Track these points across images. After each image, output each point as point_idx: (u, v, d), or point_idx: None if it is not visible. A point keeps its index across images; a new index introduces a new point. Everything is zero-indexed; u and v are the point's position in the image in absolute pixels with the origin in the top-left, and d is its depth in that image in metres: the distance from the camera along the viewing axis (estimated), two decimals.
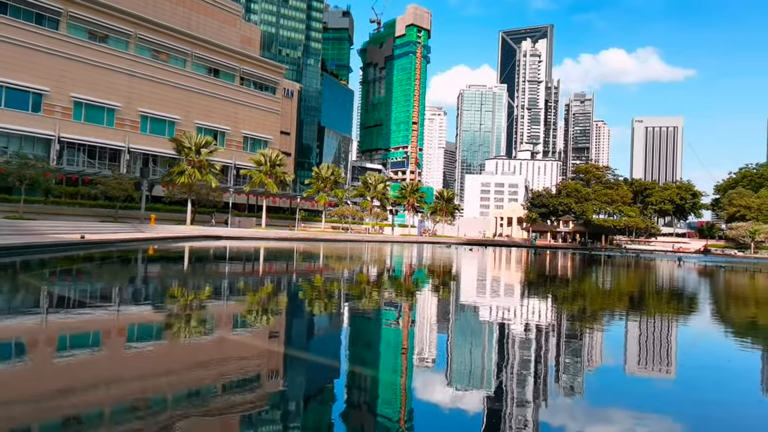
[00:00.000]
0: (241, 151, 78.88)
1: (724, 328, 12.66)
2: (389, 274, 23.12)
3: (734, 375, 7.48)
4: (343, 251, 39.57)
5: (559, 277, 26.54)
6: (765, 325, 13.11)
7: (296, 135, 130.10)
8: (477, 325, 10.63)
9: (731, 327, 12.70)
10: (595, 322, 11.83)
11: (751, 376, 7.57)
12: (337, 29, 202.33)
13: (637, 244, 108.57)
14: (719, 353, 9.09)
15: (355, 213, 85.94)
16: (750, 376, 7.60)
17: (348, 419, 5.02)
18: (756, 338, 10.90)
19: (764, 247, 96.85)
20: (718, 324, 13.24)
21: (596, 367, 7.60)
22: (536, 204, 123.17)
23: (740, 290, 24.25)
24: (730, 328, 12.45)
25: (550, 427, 5.06)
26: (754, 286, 26.51)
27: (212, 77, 76.52)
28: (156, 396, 5.25)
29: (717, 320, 13.83)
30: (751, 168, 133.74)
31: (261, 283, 16.65)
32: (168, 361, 6.59)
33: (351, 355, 7.75)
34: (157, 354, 6.93)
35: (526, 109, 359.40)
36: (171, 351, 7.12)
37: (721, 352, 9.25)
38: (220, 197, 61.99)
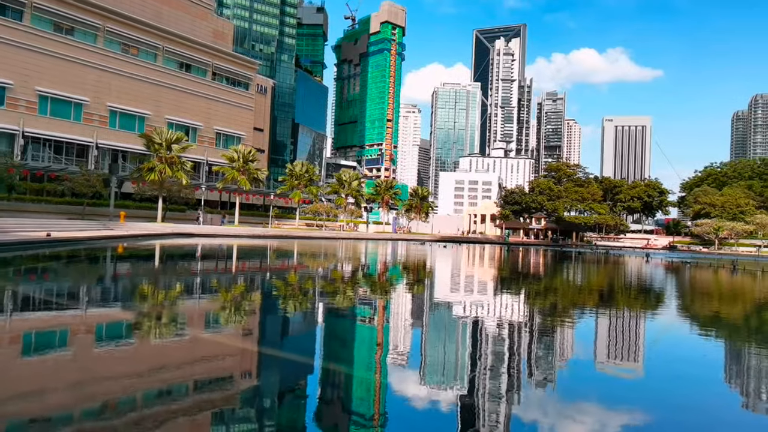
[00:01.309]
0: (213, 148, 77.81)
1: (687, 321, 13.01)
2: (363, 271, 23.11)
3: (698, 366, 7.69)
4: (318, 249, 39.39)
5: (531, 273, 26.92)
6: (726, 317, 13.52)
7: (270, 131, 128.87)
8: (450, 322, 10.71)
9: (694, 320, 13.06)
10: (566, 317, 12.04)
11: (714, 367, 7.80)
12: (312, 25, 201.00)
13: (607, 241, 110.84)
14: (683, 346, 9.35)
15: (330, 210, 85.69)
16: (713, 366, 7.83)
17: (322, 417, 5.00)
18: (717, 330, 11.24)
19: (728, 243, 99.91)
20: (682, 318, 13.61)
21: (567, 361, 7.73)
22: (509, 201, 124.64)
23: (702, 285, 24.98)
24: (693, 322, 12.81)
25: (522, 421, 5.13)
26: (717, 281, 27.32)
27: (183, 72, 75.23)
28: (125, 397, 5.15)
29: (681, 314, 14.21)
30: (716, 167, 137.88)
31: (233, 281, 16.46)
32: (137, 361, 6.47)
33: (325, 353, 7.72)
34: (126, 355, 6.79)
35: (500, 108, 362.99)
36: (140, 351, 6.99)
37: (686, 344, 9.51)
38: (191, 194, 61.06)
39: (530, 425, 5.03)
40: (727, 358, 8.68)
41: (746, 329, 11.87)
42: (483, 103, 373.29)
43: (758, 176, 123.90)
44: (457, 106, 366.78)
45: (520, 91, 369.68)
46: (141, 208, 58.28)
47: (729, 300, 18.41)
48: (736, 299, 18.80)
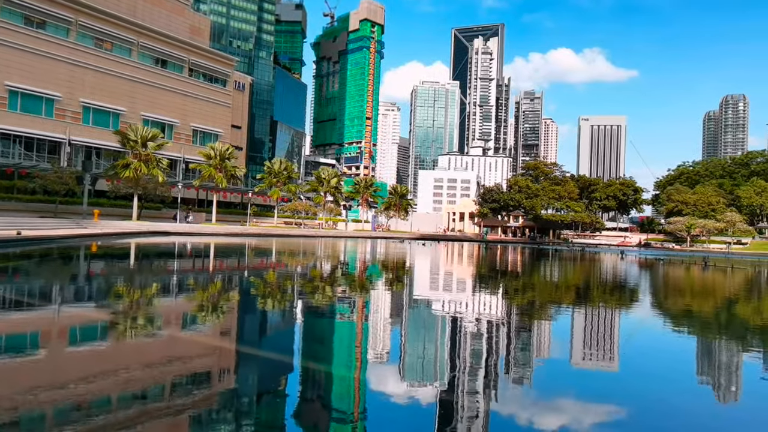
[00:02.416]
0: (190, 145, 76.74)
1: (661, 316, 13.27)
2: (342, 269, 23.07)
3: (672, 360, 7.86)
4: (296, 247, 39.19)
5: (509, 271, 27.17)
6: (698, 312, 13.84)
7: (248, 129, 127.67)
8: (429, 319, 10.75)
9: (668, 315, 13.34)
10: (543, 313, 12.18)
11: (686, 360, 7.98)
12: (290, 22, 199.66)
13: (583, 239, 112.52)
14: (658, 340, 9.54)
15: (309, 208, 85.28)
16: (686, 360, 8.01)
17: (301, 415, 4.98)
18: (690, 325, 11.50)
19: (699, 240, 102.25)
20: (656, 313, 13.88)
21: (544, 356, 7.82)
22: (488, 199, 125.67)
23: (676, 281, 25.53)
24: (667, 317, 13.08)
25: (499, 416, 5.17)
26: (689, 277, 27.95)
27: (159, 68, 74.02)
28: (98, 399, 5.05)
29: (655, 310, 14.50)
30: (688, 165, 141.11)
31: (210, 280, 16.28)
32: (111, 362, 6.36)
33: (303, 351, 7.69)
34: (99, 355, 6.67)
35: (478, 106, 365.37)
36: (114, 352, 6.86)
37: (660, 339, 9.71)
38: (168, 192, 60.17)
39: (507, 420, 5.08)
40: (699, 351, 8.88)
41: (717, 324, 12.16)
42: (462, 101, 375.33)
43: (728, 175, 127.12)
44: (436, 104, 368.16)
45: (498, 90, 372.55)
46: (116, 206, 57.22)
47: (701, 295, 18.84)
48: (708, 295, 19.25)
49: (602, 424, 4.97)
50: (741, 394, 6.41)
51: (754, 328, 11.69)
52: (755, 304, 16.39)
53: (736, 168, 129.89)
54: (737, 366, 7.83)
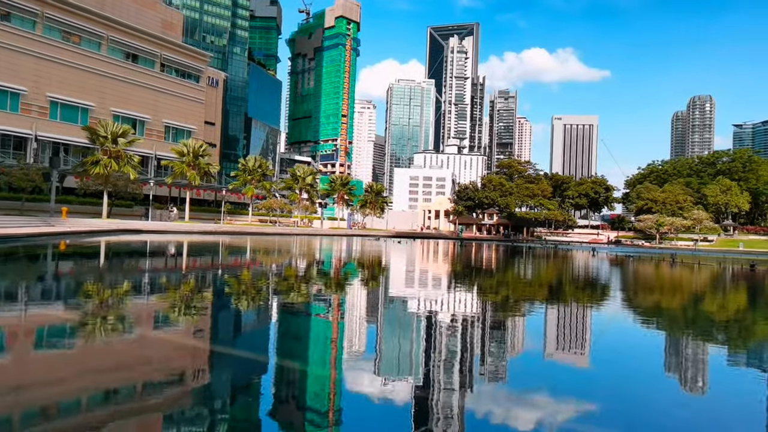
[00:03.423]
0: (162, 141, 75.38)
1: (632, 312, 13.56)
2: (318, 267, 22.96)
3: (642, 354, 8.03)
4: (271, 245, 38.87)
5: (483, 268, 27.42)
6: (666, 308, 14.17)
7: (222, 125, 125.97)
8: (405, 317, 10.77)
9: (638, 311, 13.63)
10: (516, 310, 12.32)
11: (655, 355, 8.16)
12: (265, 18, 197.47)
13: (556, 236, 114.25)
14: (629, 335, 9.74)
15: (284, 206, 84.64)
16: (654, 354, 8.20)
17: (277, 414, 4.93)
18: (659, 321, 11.78)
19: (668, 237, 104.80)
20: (627, 309, 14.17)
21: (517, 353, 7.91)
22: (463, 197, 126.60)
23: (645, 278, 26.11)
24: (637, 313, 13.36)
25: (475, 413, 5.21)
26: (658, 274, 28.61)
27: (130, 62, 72.47)
28: (72, 400, 4.93)
29: (626, 306, 14.80)
30: (657, 164, 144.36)
31: (182, 279, 16.03)
32: (80, 364, 6.20)
33: (276, 350, 7.62)
34: (70, 356, 6.50)
35: (454, 105, 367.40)
36: (85, 352, 6.70)
37: (630, 334, 9.92)
38: (139, 189, 59.04)
39: (481, 415, 5.12)
40: (668, 345, 9.09)
41: (684, 319, 12.47)
42: (437, 99, 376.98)
43: (695, 174, 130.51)
44: (411, 102, 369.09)
45: (473, 89, 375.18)
46: (85, 203, 55.88)
47: (669, 292, 19.31)
48: (676, 291, 19.74)
49: (576, 418, 5.04)
50: (707, 385, 6.58)
51: (719, 322, 12.02)
52: (720, 300, 16.87)
53: (703, 167, 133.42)
54: (703, 359, 8.04)
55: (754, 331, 11.11)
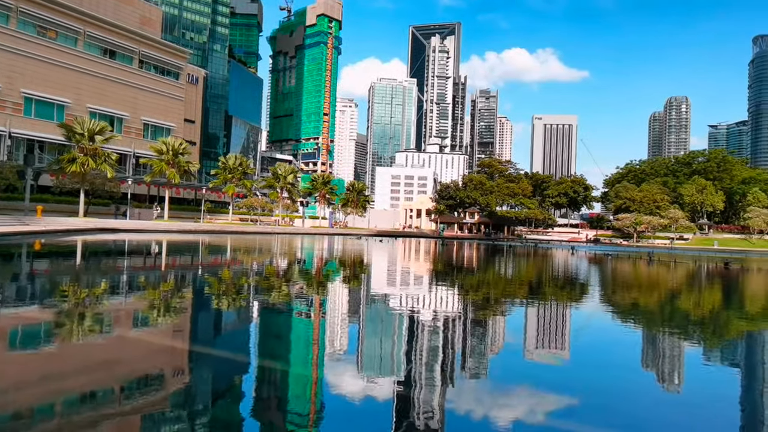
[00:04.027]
0: (141, 139, 74.32)
1: (611, 309, 13.75)
2: (299, 266, 22.86)
3: (620, 350, 8.15)
4: (252, 244, 38.57)
5: (464, 267, 27.57)
6: (643, 305, 14.41)
7: (202, 123, 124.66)
8: (385, 315, 10.77)
9: (617, 308, 13.83)
10: (497, 308, 12.41)
11: (633, 352, 8.30)
12: (246, 15, 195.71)
13: (536, 235, 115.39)
14: (608, 332, 9.88)
15: (265, 204, 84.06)
16: (632, 351, 8.33)
17: (258, 415, 4.89)
18: (636, 318, 11.97)
19: (645, 236, 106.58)
20: (606, 306, 14.36)
21: (498, 349, 7.97)
22: (444, 196, 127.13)
23: (623, 276, 26.53)
24: (615, 309, 13.55)
25: (455, 411, 5.23)
26: (636, 272, 29.08)
27: (107, 59, 71.28)
28: (46, 403, 4.82)
29: (604, 303, 15.00)
30: (635, 164, 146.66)
31: (162, 278, 15.81)
32: (59, 364, 6.08)
33: (258, 350, 7.56)
34: (46, 357, 6.37)
35: (435, 104, 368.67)
36: (62, 353, 6.57)
37: (609, 330, 10.06)
38: (117, 187, 58.06)
39: (463, 412, 5.14)
40: (645, 342, 9.24)
41: (661, 316, 12.69)
42: (419, 99, 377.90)
43: (672, 173, 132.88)
44: (393, 101, 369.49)
45: (454, 88, 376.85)
46: (61, 202, 54.80)
47: (647, 289, 19.63)
48: (653, 289, 20.08)
49: (555, 413, 5.09)
50: (683, 380, 6.70)
51: (694, 319, 12.25)
52: (695, 297, 17.20)
53: (679, 167, 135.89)
54: (679, 354, 8.19)
55: (728, 328, 11.35)
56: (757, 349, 9.37)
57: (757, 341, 10.08)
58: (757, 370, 7.62)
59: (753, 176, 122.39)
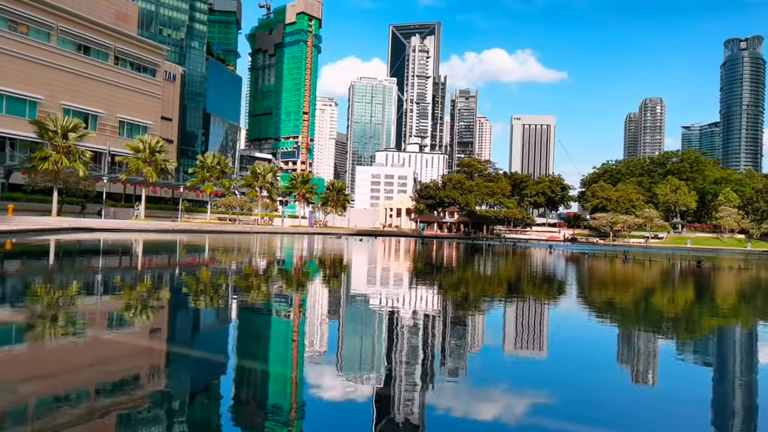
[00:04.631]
0: (116, 137, 73.03)
1: (587, 307, 13.94)
2: (278, 266, 22.71)
3: (596, 347, 8.27)
4: (230, 243, 38.21)
5: (444, 266, 27.70)
6: (618, 303, 14.65)
7: (179, 121, 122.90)
8: (365, 314, 10.76)
9: (593, 306, 14.03)
10: (476, 307, 12.49)
11: (609, 349, 8.43)
12: (224, 12, 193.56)
13: (515, 234, 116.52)
14: (584, 329, 10.02)
15: (244, 204, 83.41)
16: (609, 349, 8.46)
17: (238, 416, 4.85)
18: (611, 314, 12.16)
19: (621, 235, 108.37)
20: (582, 304, 14.57)
21: (477, 348, 8.02)
22: (424, 196, 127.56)
23: (599, 274, 26.95)
24: (591, 307, 13.75)
25: (435, 409, 5.25)
26: (612, 270, 29.57)
27: (82, 54, 69.87)
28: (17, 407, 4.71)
29: (581, 301, 15.22)
30: (611, 164, 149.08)
31: (138, 278, 15.56)
32: (28, 367, 5.94)
33: (236, 350, 7.49)
34: (19, 359, 6.21)
35: (415, 103, 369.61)
36: (35, 355, 6.42)
37: (586, 328, 10.20)
38: (92, 186, 57.00)
39: (443, 410, 5.17)
40: (620, 338, 9.39)
41: (635, 313, 12.92)
42: (399, 98, 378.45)
43: (647, 173, 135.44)
44: (373, 100, 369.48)
45: (434, 88, 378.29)
46: (33, 200, 53.62)
47: (622, 287, 19.97)
48: (628, 287, 20.43)
49: (535, 409, 5.15)
50: (657, 376, 6.83)
51: (667, 316, 12.50)
52: (669, 295, 17.56)
53: (654, 167, 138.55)
54: (654, 351, 8.35)
55: (700, 324, 11.61)
56: (728, 342, 9.61)
57: (726, 336, 10.33)
58: (727, 362, 7.80)
59: (724, 176, 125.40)
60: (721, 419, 5.36)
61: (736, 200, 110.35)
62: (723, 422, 5.29)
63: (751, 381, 7.00)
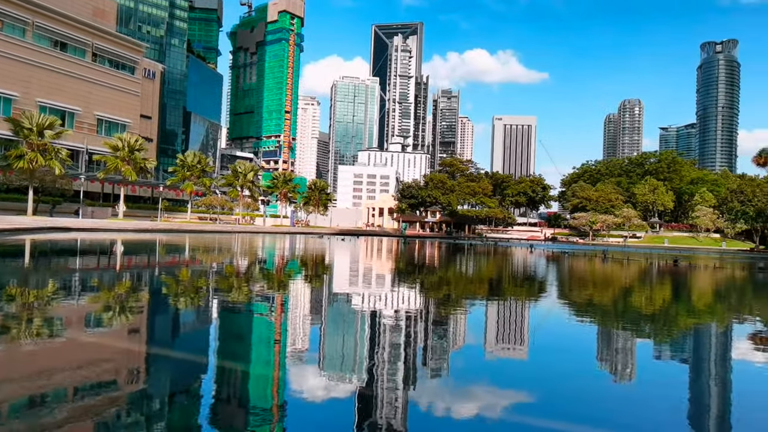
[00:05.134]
0: (94, 135, 71.87)
1: (567, 306, 14.11)
2: (259, 266, 22.57)
3: (577, 345, 8.38)
4: (211, 243, 37.86)
5: (426, 265, 27.80)
6: (598, 301, 14.86)
7: (159, 119, 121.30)
8: (349, 315, 10.75)
9: (573, 304, 14.21)
10: (458, 305, 12.56)
11: (588, 348, 8.55)
12: (205, 9, 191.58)
13: (496, 233, 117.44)
14: (565, 328, 10.14)
15: (225, 203, 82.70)
16: (588, 347, 8.58)
17: (217, 418, 4.81)
18: (590, 313, 12.33)
19: (600, 234, 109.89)
20: (562, 302, 14.74)
21: (459, 347, 8.07)
22: (406, 195, 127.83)
23: (579, 273, 27.30)
24: (572, 306, 13.92)
25: (417, 405, 5.26)
26: (591, 269, 29.97)
27: (58, 51, 68.62)
28: None
29: (561, 299, 15.40)
30: (591, 164, 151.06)
31: (116, 278, 15.34)
32: (4, 369, 5.83)
33: (218, 352, 7.43)
34: None
35: (398, 103, 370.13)
36: (9, 357, 6.29)
37: (565, 326, 10.33)
38: (69, 185, 56.06)
39: (424, 409, 5.19)
40: (599, 337, 9.53)
41: (614, 311, 13.12)
42: (381, 98, 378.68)
43: (626, 174, 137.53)
44: (356, 99, 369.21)
45: (417, 88, 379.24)
46: (8, 199, 52.54)
47: (602, 286, 20.26)
48: (607, 285, 20.74)
49: (516, 407, 5.20)
50: (635, 374, 6.94)
51: (645, 315, 12.72)
52: (647, 293, 17.86)
53: (632, 167, 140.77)
54: (632, 349, 8.49)
55: (677, 322, 11.84)
56: (704, 339, 9.82)
57: (700, 333, 10.55)
58: (702, 359, 7.97)
59: (700, 177, 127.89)
60: (695, 409, 5.48)
61: (712, 200, 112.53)
62: (697, 412, 5.40)
63: (725, 375, 7.16)
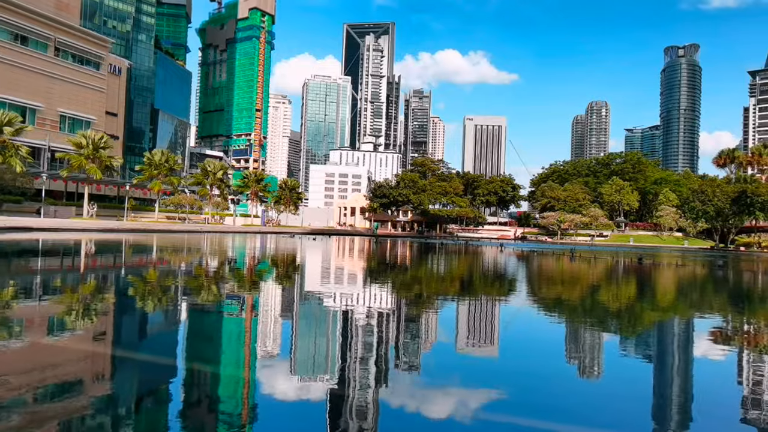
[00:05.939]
0: (57, 132, 69.79)
1: (535, 304, 14.32)
2: (229, 266, 22.25)
3: (546, 343, 8.49)
4: (179, 243, 37.17)
5: (398, 264, 27.86)
6: (566, 299, 15.11)
7: (125, 116, 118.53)
8: (320, 314, 10.68)
9: (541, 303, 14.42)
10: (429, 304, 12.61)
11: (557, 344, 8.68)
12: (174, 5, 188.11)
13: (467, 232, 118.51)
14: (533, 326, 10.28)
15: (194, 202, 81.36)
16: (556, 344, 8.71)
17: (186, 421, 4.70)
18: (558, 310, 12.53)
19: (568, 233, 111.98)
20: (531, 301, 14.95)
21: (431, 345, 8.09)
22: (378, 195, 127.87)
23: (547, 271, 27.75)
24: (539, 304, 14.14)
25: (389, 405, 5.25)
26: (559, 268, 30.50)
27: (18, 45, 66.39)
28: None
29: (529, 298, 15.62)
30: (559, 165, 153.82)
31: (79, 280, 14.91)
32: None
33: (186, 354, 7.28)
34: None
35: (370, 103, 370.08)
36: None
37: (534, 323, 10.47)
38: (29, 183, 54.33)
39: (396, 408, 5.18)
40: (568, 331, 9.69)
41: (582, 308, 13.36)
42: (353, 97, 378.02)
43: (593, 174, 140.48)
44: (327, 98, 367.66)
45: (389, 88, 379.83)
46: None
47: (569, 283, 20.63)
48: (575, 283, 21.13)
49: (490, 405, 5.23)
50: (603, 370, 7.07)
51: (612, 311, 12.99)
52: (614, 291, 18.26)
53: (599, 167, 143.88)
54: (600, 346, 8.65)
55: (641, 318, 12.12)
56: (667, 335, 10.08)
57: (663, 328, 10.84)
58: (665, 353, 8.17)
59: (664, 177, 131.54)
60: (659, 402, 5.61)
61: (675, 200, 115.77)
62: (661, 405, 5.53)
63: (687, 369, 7.36)
